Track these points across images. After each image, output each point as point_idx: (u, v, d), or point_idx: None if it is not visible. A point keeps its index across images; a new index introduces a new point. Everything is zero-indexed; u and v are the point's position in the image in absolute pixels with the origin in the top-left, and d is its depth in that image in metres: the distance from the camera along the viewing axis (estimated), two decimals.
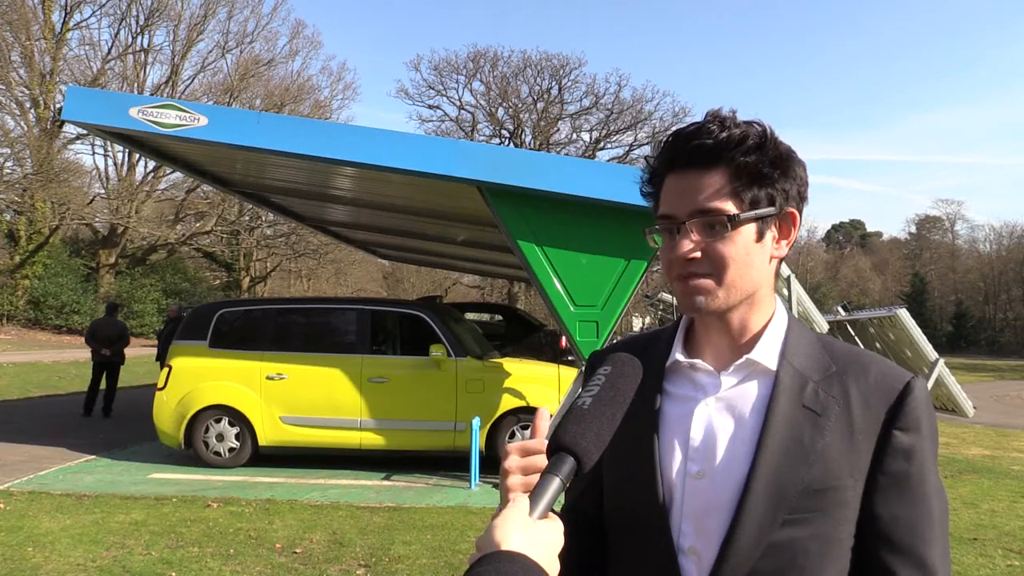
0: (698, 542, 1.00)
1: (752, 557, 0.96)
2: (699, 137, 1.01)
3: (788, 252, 1.07)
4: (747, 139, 1.00)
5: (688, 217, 1.01)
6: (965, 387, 13.76)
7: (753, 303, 1.05)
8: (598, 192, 6.89)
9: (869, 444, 0.99)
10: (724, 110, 1.04)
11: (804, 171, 1.06)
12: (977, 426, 12.50)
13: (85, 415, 11.53)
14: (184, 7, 32.95)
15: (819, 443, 0.98)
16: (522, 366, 8.27)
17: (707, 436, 1.02)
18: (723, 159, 1.00)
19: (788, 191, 1.03)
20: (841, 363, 1.04)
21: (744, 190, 1.01)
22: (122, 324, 12.37)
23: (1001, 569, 5.11)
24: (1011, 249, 51.51)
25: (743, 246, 1.01)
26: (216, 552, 5.18)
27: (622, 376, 0.94)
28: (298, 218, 15.01)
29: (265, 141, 7.00)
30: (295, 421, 7.99)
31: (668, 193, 1.05)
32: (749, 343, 1.06)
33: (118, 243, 32.38)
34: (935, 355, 12.34)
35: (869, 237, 72.82)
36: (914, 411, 0.99)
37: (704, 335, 1.09)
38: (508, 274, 23.57)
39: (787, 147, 1.04)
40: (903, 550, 0.97)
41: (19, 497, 6.58)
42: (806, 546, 0.96)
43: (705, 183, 1.01)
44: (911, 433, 0.99)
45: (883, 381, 1.02)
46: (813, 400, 1.01)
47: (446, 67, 42.16)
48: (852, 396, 1.01)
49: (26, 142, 28.24)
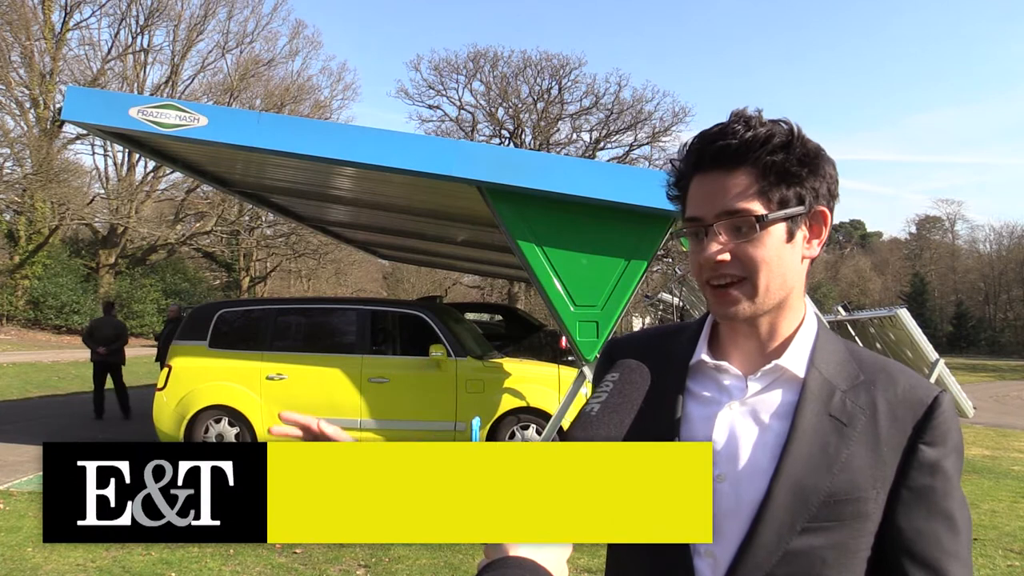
0: (715, 545, 0.99)
1: (769, 563, 0.96)
2: (724, 137, 0.99)
3: (821, 252, 1.05)
4: (773, 138, 0.99)
5: (715, 219, 1.00)
6: (965, 387, 13.74)
7: (784, 307, 1.04)
8: (598, 192, 6.88)
9: (895, 457, 0.98)
10: (750, 109, 1.02)
11: (834, 169, 1.04)
12: (977, 426, 12.50)
13: (97, 418, 11.38)
14: (184, 7, 32.96)
15: (844, 453, 0.97)
16: (522, 366, 8.27)
17: (730, 440, 1.01)
18: (749, 159, 0.99)
19: (818, 189, 1.02)
20: (869, 372, 1.03)
21: (772, 190, 0.99)
22: (120, 323, 12.32)
23: (1001, 569, 5.11)
24: (1011, 249, 51.51)
25: (773, 247, 0.99)
26: (216, 552, 5.17)
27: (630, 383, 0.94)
28: (298, 218, 15.01)
29: (265, 141, 7.00)
30: None
31: (695, 195, 1.03)
32: (778, 349, 1.04)
33: (118, 243, 32.37)
34: (935, 355, 12.31)
35: (869, 237, 72.83)
36: (941, 425, 0.99)
37: (731, 337, 1.07)
38: (508, 274, 23.57)
39: (816, 145, 1.02)
40: (926, 564, 0.97)
41: (19, 497, 6.58)
42: (823, 555, 0.96)
43: (732, 184, 0.99)
44: (938, 448, 0.98)
45: (911, 394, 1.01)
46: (840, 410, 1.00)
47: (446, 67, 42.14)
48: (879, 407, 1.00)
49: (26, 142, 28.23)
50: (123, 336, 11.94)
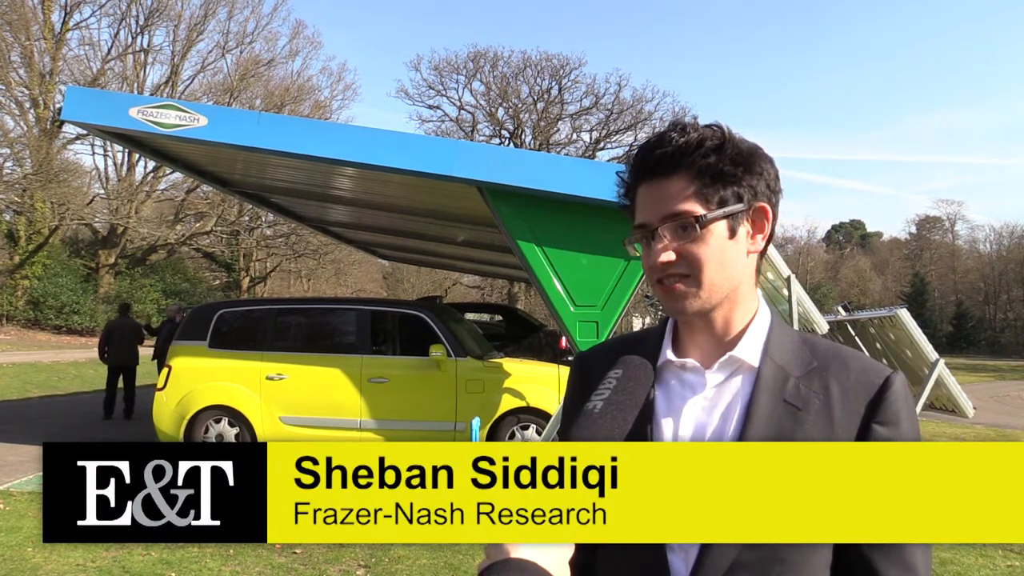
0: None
1: (734, 551, 0.97)
2: (661, 146, 1.06)
3: (766, 245, 1.10)
4: (705, 141, 1.04)
5: (660, 223, 1.05)
6: (965, 387, 13.74)
7: (735, 300, 1.08)
8: (598, 192, 6.88)
9: (849, 438, 1.01)
10: (687, 118, 1.09)
11: (771, 165, 1.09)
12: (977, 427, 12.49)
13: (106, 418, 11.40)
14: (184, 7, 32.95)
15: (799, 436, 1.00)
16: (522, 366, 8.27)
17: (695, 434, 1.04)
18: (684, 163, 1.04)
19: (755, 187, 1.06)
20: (823, 359, 1.06)
21: (709, 190, 1.04)
22: (136, 324, 12.40)
23: (1001, 569, 5.11)
24: (1011, 249, 51.49)
25: (716, 244, 1.04)
26: (216, 552, 5.17)
27: (633, 379, 0.94)
28: (298, 218, 15.01)
29: (265, 141, 7.00)
30: (295, 421, 7.98)
31: (641, 203, 1.09)
32: (733, 340, 1.08)
33: (118, 243, 32.37)
34: (935, 355, 12.32)
35: (869, 237, 72.82)
36: (893, 405, 1.01)
37: (689, 334, 1.12)
38: (508, 274, 23.58)
39: (750, 144, 1.07)
40: (883, 544, 0.98)
41: (19, 497, 6.58)
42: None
43: (672, 188, 1.05)
44: (890, 427, 1.01)
45: (863, 376, 1.04)
46: (794, 395, 1.03)
47: (446, 67, 42.15)
48: (832, 391, 1.03)
49: (26, 142, 28.23)
50: (140, 337, 12.02)
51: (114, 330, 11.97)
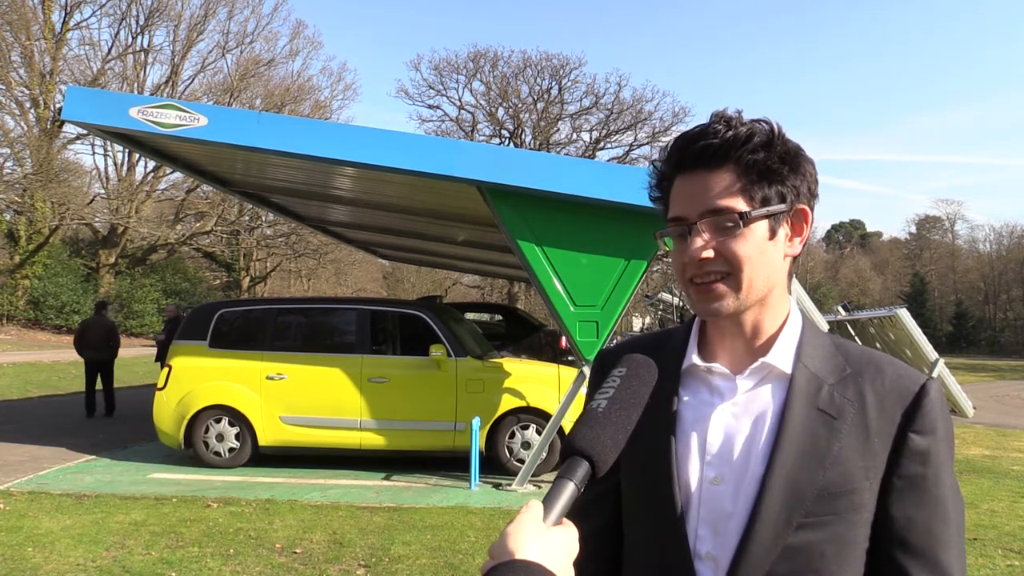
0: (715, 547, 0.99)
1: (767, 560, 0.96)
2: (706, 137, 1.00)
3: (802, 250, 1.06)
4: (754, 136, 0.99)
5: (699, 217, 1.00)
6: (965, 387, 13.76)
7: (767, 304, 1.04)
8: (598, 192, 6.89)
9: (885, 447, 0.98)
10: (730, 110, 1.03)
11: (813, 168, 1.05)
12: (977, 426, 12.49)
13: (88, 416, 11.51)
14: (184, 7, 32.93)
15: (835, 446, 0.98)
16: (522, 366, 8.27)
17: (725, 441, 1.01)
18: (731, 158, 0.99)
19: (798, 188, 1.03)
20: (856, 365, 1.03)
21: (754, 188, 1.00)
22: (111, 323, 12.33)
23: (1001, 569, 5.11)
24: (1011, 249, 51.44)
25: (756, 244, 1.00)
26: (216, 552, 5.17)
27: (637, 378, 0.91)
28: (298, 218, 15.00)
29: (265, 141, 7.00)
30: (295, 421, 7.98)
31: (677, 195, 1.04)
32: (764, 346, 1.05)
33: (118, 243, 32.35)
34: (935, 355, 12.34)
35: (869, 237, 72.79)
36: (930, 413, 0.99)
37: (718, 338, 1.08)
38: (508, 274, 23.57)
39: (795, 144, 1.03)
40: (919, 552, 0.97)
41: (19, 497, 6.58)
42: (822, 549, 0.96)
43: (714, 182, 1.00)
44: (927, 436, 0.98)
45: (898, 383, 1.01)
46: (828, 403, 1.00)
47: (446, 67, 42.16)
48: (867, 398, 1.00)
49: (26, 142, 28.22)
50: (114, 337, 11.95)
51: (88, 328, 11.96)
